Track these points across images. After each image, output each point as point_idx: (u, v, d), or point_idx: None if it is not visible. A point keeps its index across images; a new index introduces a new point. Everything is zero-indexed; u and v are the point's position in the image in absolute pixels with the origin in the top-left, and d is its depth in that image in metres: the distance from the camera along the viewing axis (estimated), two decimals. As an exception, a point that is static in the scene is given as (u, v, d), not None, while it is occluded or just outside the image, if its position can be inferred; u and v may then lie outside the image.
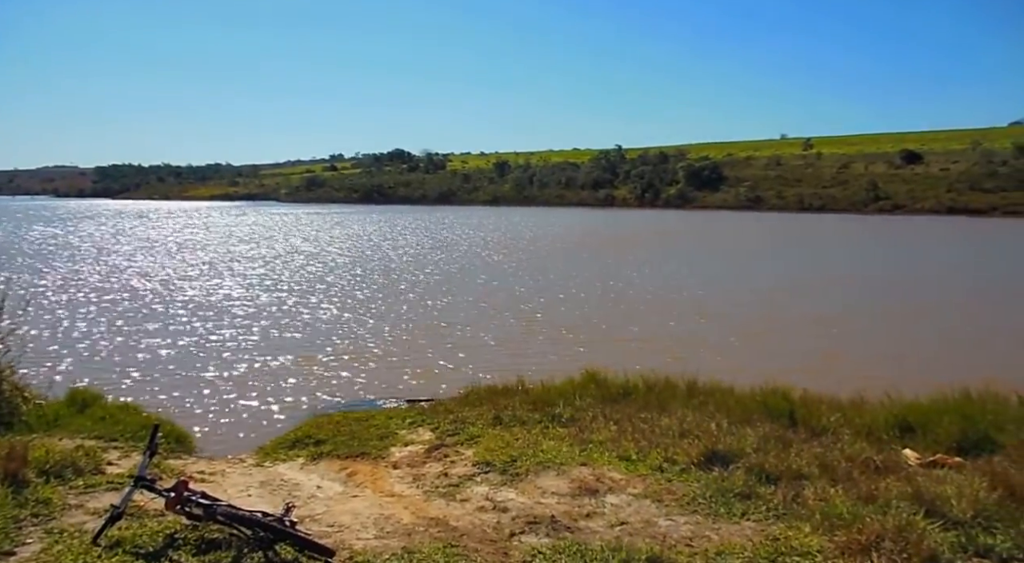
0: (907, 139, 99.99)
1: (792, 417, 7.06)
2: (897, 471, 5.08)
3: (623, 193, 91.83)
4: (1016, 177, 68.16)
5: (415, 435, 6.52)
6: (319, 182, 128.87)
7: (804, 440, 6.21)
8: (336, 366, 12.50)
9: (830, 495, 4.27)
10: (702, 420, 6.67)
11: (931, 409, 7.05)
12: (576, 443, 6.02)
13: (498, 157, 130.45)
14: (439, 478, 5.24)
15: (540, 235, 47.67)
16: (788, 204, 76.44)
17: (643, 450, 5.74)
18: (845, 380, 9.77)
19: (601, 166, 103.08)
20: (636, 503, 4.60)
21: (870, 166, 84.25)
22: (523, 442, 6.02)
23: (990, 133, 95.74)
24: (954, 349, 14.13)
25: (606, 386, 8.52)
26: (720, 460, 5.30)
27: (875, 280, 25.18)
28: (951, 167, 77.90)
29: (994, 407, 7.09)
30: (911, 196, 70.72)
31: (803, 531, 3.85)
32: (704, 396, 7.98)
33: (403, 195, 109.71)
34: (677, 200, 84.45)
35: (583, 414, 7.11)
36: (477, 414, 7.11)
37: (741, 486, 4.64)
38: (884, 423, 6.86)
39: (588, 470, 5.26)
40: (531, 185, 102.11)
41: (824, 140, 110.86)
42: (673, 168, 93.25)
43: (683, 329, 16.27)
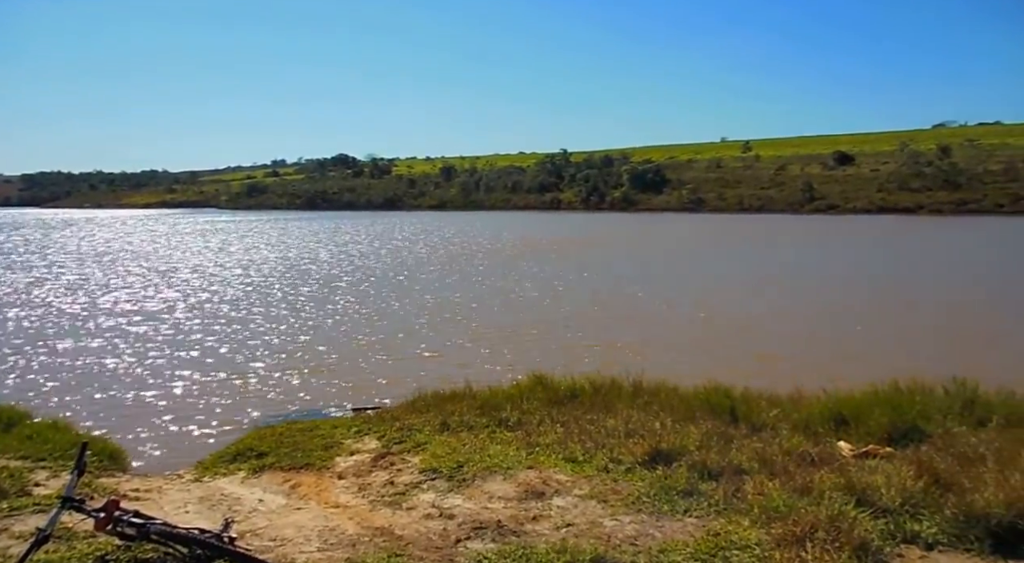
0: (839, 141, 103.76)
1: (733, 413, 7.24)
2: (832, 463, 5.24)
3: (569, 196, 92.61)
4: (940, 177, 71.39)
5: (361, 444, 6.44)
6: (261, 188, 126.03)
7: (745, 436, 6.36)
8: (278, 377, 12.26)
9: (768, 489, 4.38)
10: (647, 419, 6.77)
11: (863, 402, 7.31)
12: (523, 447, 6.03)
13: (444, 162, 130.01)
14: (385, 487, 5.18)
15: (486, 240, 47.69)
16: (728, 205, 78.33)
17: (589, 451, 5.79)
18: (783, 376, 10.07)
19: (547, 170, 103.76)
20: (582, 504, 4.63)
21: (806, 167, 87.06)
22: (470, 447, 6.01)
23: (916, 135, 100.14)
24: (885, 343, 14.69)
25: (553, 389, 8.57)
26: (664, 458, 5.39)
27: (810, 278, 26.01)
28: (881, 168, 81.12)
29: (922, 398, 7.40)
30: (844, 196, 73.33)
31: (742, 525, 3.94)
32: (649, 396, 8.10)
33: (348, 201, 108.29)
34: (622, 203, 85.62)
35: (530, 417, 7.13)
36: (424, 421, 7.06)
37: (684, 483, 4.72)
38: (820, 417, 7.09)
39: (535, 473, 5.28)
40: (478, 190, 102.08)
41: (762, 143, 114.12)
42: (617, 171, 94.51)
43: (629, 331, 16.49)
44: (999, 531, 3.45)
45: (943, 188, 69.34)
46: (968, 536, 3.51)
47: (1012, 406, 7.13)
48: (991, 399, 7.29)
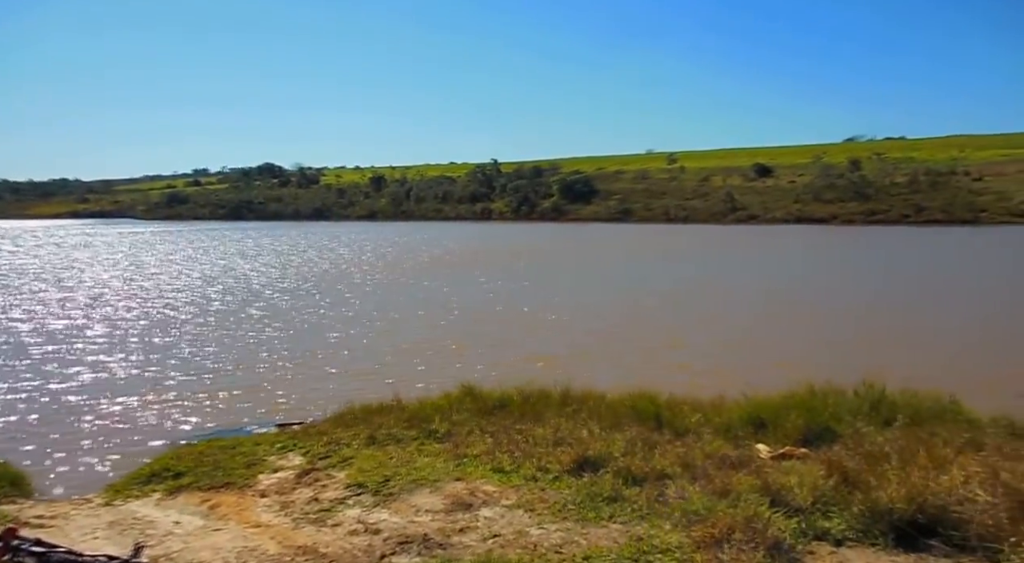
0: (759, 154, 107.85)
1: (659, 420, 7.40)
2: (750, 465, 5.43)
3: (500, 206, 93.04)
4: (851, 189, 75.17)
5: (285, 461, 6.27)
6: (181, 198, 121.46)
7: (669, 441, 6.51)
8: (197, 395, 11.81)
9: (689, 492, 4.50)
10: (575, 428, 6.85)
11: (781, 405, 7.60)
12: (451, 458, 6.01)
13: (374, 171, 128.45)
14: (309, 504, 5.06)
15: (415, 250, 47.37)
16: (655, 215, 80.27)
17: (517, 461, 5.81)
18: (707, 381, 10.35)
19: (478, 180, 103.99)
20: (509, 514, 4.64)
21: (728, 179, 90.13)
22: (398, 461, 5.94)
23: (829, 149, 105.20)
24: (802, 348, 15.31)
25: (482, 399, 8.57)
26: (591, 466, 5.46)
27: (732, 287, 26.90)
28: (797, 180, 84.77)
29: (834, 401, 7.75)
30: (764, 207, 76.25)
31: (664, 529, 4.03)
32: (577, 404, 8.19)
33: (275, 211, 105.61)
34: (552, 213, 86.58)
35: (459, 428, 7.11)
36: (351, 435, 6.94)
37: (609, 490, 4.79)
38: (740, 421, 7.33)
39: (462, 485, 5.26)
40: (408, 200, 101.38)
41: (687, 154, 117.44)
42: (547, 182, 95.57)
43: (559, 340, 16.65)
44: (901, 526, 3.64)
45: (854, 199, 73.03)
46: (873, 531, 3.69)
47: (915, 406, 7.55)
48: (896, 400, 7.69)
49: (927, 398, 7.82)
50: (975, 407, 7.57)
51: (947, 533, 3.52)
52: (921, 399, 7.78)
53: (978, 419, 7.12)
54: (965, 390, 8.05)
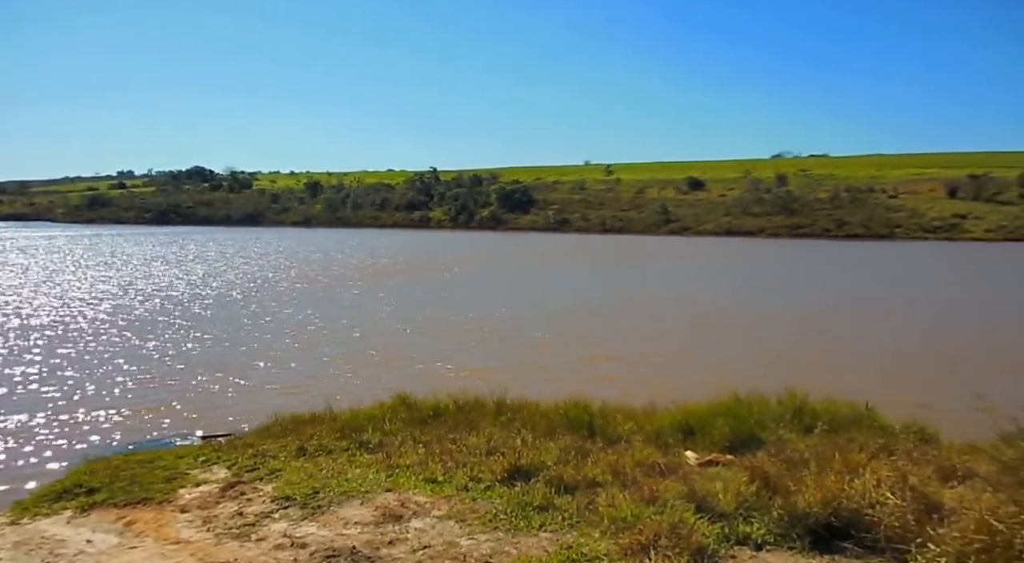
0: (692, 168, 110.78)
1: (591, 428, 7.50)
2: (678, 472, 5.55)
3: (438, 215, 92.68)
4: (778, 203, 78.07)
5: (208, 474, 6.06)
6: (104, 201, 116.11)
7: (601, 449, 6.60)
8: (113, 407, 11.30)
9: (618, 500, 4.57)
10: (509, 437, 6.87)
11: (709, 413, 7.81)
12: (383, 469, 5.93)
13: (309, 177, 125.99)
14: (233, 518, 4.91)
15: (349, 258, 46.70)
16: (592, 226, 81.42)
17: (450, 471, 5.78)
18: (639, 389, 10.53)
19: (416, 188, 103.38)
20: (440, 525, 4.61)
21: (662, 191, 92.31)
22: (327, 472, 5.83)
23: (757, 164, 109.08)
24: (731, 357, 15.75)
25: (417, 409, 8.52)
26: (523, 475, 5.48)
27: (664, 297, 27.51)
28: (727, 193, 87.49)
29: (759, 409, 8.02)
30: (696, 219, 78.39)
31: (593, 537, 4.08)
32: (512, 413, 8.22)
33: (205, 216, 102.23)
34: (490, 222, 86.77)
35: (392, 438, 7.04)
36: (280, 446, 6.78)
37: (540, 499, 4.82)
38: (670, 428, 7.50)
39: (393, 496, 5.20)
40: (345, 206, 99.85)
41: (623, 167, 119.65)
42: (486, 191, 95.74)
43: (494, 350, 16.68)
44: (817, 529, 3.78)
45: (780, 213, 75.87)
46: (791, 535, 3.83)
47: (834, 413, 7.88)
48: (817, 408, 8.02)
49: (845, 406, 8.18)
50: (889, 415, 7.96)
51: (859, 535, 3.68)
52: (839, 407, 8.13)
53: (891, 426, 7.49)
54: (880, 398, 8.44)
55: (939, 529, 3.23)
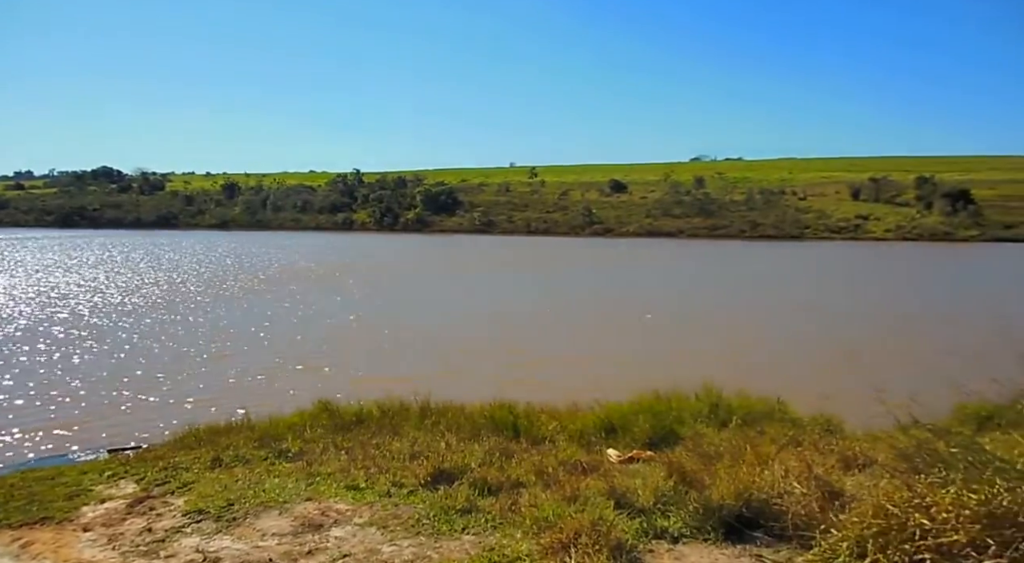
0: (614, 170, 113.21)
1: (516, 429, 7.54)
2: (600, 469, 5.65)
3: (363, 217, 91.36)
4: (696, 205, 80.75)
5: (115, 489, 5.76)
6: (0, 203, 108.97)
7: (525, 449, 6.64)
8: (8, 420, 10.62)
9: (541, 500, 4.60)
10: (433, 440, 6.83)
11: (630, 410, 7.99)
12: (303, 477, 5.78)
13: (226, 178, 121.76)
14: (141, 535, 4.67)
15: (267, 262, 45.45)
16: (517, 228, 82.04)
17: (372, 477, 5.69)
18: (564, 390, 10.65)
19: (339, 190, 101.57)
20: (361, 532, 4.53)
21: (585, 193, 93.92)
22: (244, 483, 5.63)
23: (676, 167, 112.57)
24: (652, 355, 16.16)
25: (339, 415, 8.38)
26: (447, 478, 5.44)
27: (588, 297, 27.98)
28: (648, 195, 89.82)
29: (678, 405, 8.26)
30: (619, 221, 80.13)
31: (515, 538, 4.09)
32: (437, 416, 8.19)
33: (113, 218, 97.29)
34: (416, 224, 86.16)
35: (313, 446, 6.88)
36: (193, 458, 6.51)
37: (463, 502, 4.80)
38: (593, 427, 7.63)
39: (313, 505, 5.07)
40: (264, 209, 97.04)
41: (547, 169, 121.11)
42: (411, 193, 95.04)
43: (420, 354, 16.56)
44: (730, 520, 3.92)
45: (699, 215, 78.48)
46: (706, 527, 3.95)
47: (748, 407, 8.21)
48: (732, 402, 8.33)
49: (758, 401, 8.53)
50: (799, 407, 8.34)
51: (768, 524, 3.83)
52: (753, 402, 8.47)
53: (800, 418, 7.86)
54: (790, 392, 8.83)
55: (840, 515, 3.39)
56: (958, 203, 68.39)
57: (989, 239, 62.41)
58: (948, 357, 14.41)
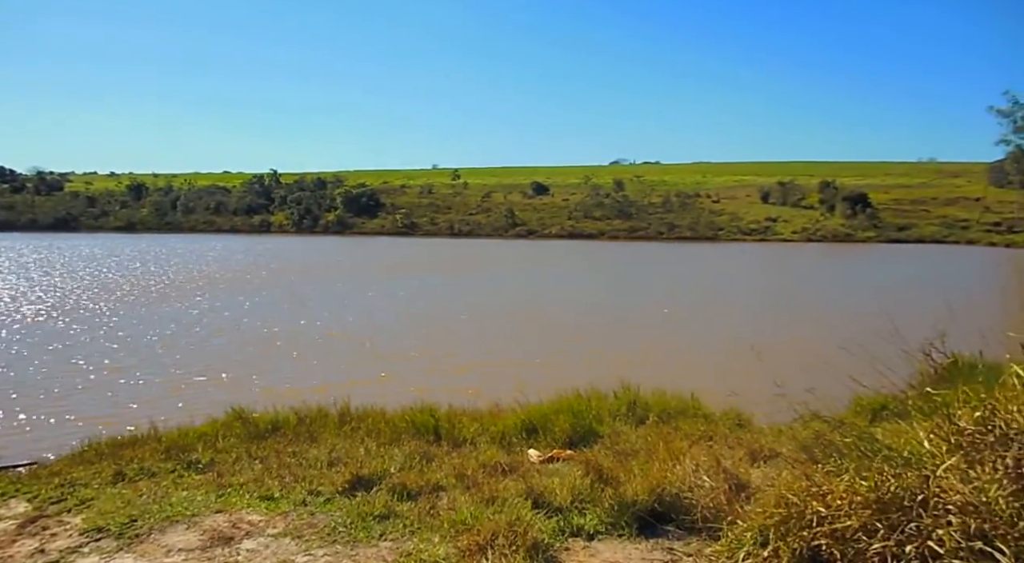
0: (536, 173, 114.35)
1: (437, 432, 7.50)
2: (520, 470, 5.68)
3: (280, 219, 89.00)
4: (616, 208, 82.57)
5: (4, 510, 5.39)
6: None
7: (446, 452, 6.61)
8: None
9: (459, 502, 4.59)
10: (352, 446, 6.71)
11: (551, 411, 8.06)
12: (213, 489, 5.57)
13: (132, 179, 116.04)
14: (33, 557, 4.39)
15: (176, 265, 43.65)
16: (440, 230, 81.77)
17: (288, 486, 5.54)
18: (484, 392, 10.67)
19: (255, 191, 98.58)
20: (275, 544, 4.40)
21: (508, 196, 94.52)
22: (149, 497, 5.38)
23: (597, 170, 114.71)
24: (573, 355, 16.39)
25: (253, 423, 8.10)
26: (365, 484, 5.36)
27: (510, 299, 28.15)
28: (570, 198, 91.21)
29: (597, 403, 8.40)
30: (541, 223, 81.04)
31: (433, 542, 4.07)
32: (356, 422, 8.05)
33: (4, 221, 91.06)
34: (336, 226, 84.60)
35: (225, 456, 6.64)
36: (93, 473, 6.17)
37: (381, 507, 4.74)
38: (514, 428, 7.66)
39: (224, 517, 4.89)
40: (174, 210, 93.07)
41: (470, 171, 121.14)
42: (331, 194, 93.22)
43: (339, 359, 16.25)
44: (643, 515, 4.02)
45: (618, 217, 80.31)
46: (620, 523, 4.04)
47: (664, 404, 8.43)
48: (649, 400, 8.53)
49: (674, 397, 8.77)
50: (711, 403, 8.63)
51: (680, 518, 3.95)
52: (669, 399, 8.70)
53: (713, 413, 8.14)
54: (703, 388, 9.13)
55: (746, 506, 3.53)
56: (857, 206, 72.50)
57: (885, 240, 66.44)
58: (845, 352, 15.19)
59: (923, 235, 66.81)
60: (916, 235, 66.97)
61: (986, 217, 71.28)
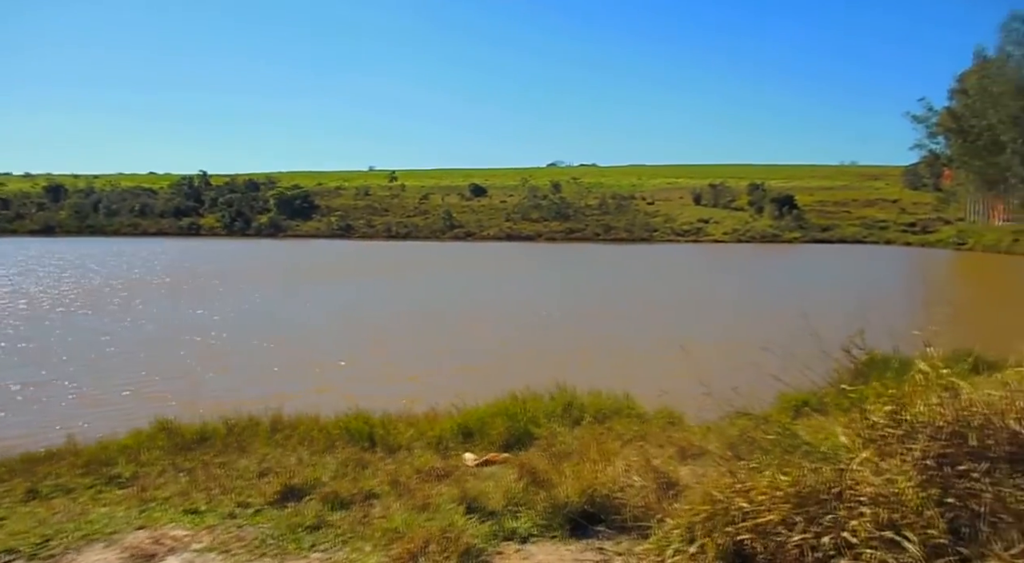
0: (474, 175, 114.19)
1: (372, 438, 7.41)
2: (455, 475, 5.66)
3: (211, 221, 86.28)
4: (554, 209, 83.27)
5: (-97, 535, 5.04)
6: None
7: (381, 459, 6.54)
8: None
9: (392, 510, 4.55)
10: (284, 456, 6.57)
11: (487, 413, 8.07)
12: (136, 504, 5.36)
13: (50, 180, 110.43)
14: (-65, 585, 4.14)
15: (91, 270, 41.85)
16: (377, 232, 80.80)
17: (215, 498, 5.38)
18: (421, 397, 10.59)
19: (183, 192, 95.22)
20: (200, 559, 4.26)
21: (446, 197, 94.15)
22: (64, 515, 5.13)
23: (534, 172, 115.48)
24: (512, 357, 16.43)
25: (180, 434, 7.83)
26: (296, 494, 5.25)
27: (447, 301, 28.06)
28: (508, 200, 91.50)
29: (533, 405, 8.44)
30: (479, 224, 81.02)
31: (365, 551, 4.02)
32: (289, 430, 7.88)
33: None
34: (269, 229, 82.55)
35: (149, 469, 6.41)
36: (4, 491, 5.86)
37: (313, 518, 4.65)
38: (451, 432, 7.63)
39: (146, 534, 4.71)
40: (96, 213, 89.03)
41: (407, 173, 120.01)
42: (264, 196, 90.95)
43: (263, 368, 15.88)
44: (574, 516, 4.06)
45: (556, 219, 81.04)
46: (553, 525, 4.07)
47: (599, 405, 8.54)
48: (585, 401, 8.63)
49: (609, 398, 8.89)
50: (646, 402, 8.79)
51: (611, 518, 4.01)
52: (604, 399, 8.82)
53: (646, 413, 8.29)
54: (637, 387, 9.29)
55: (674, 504, 3.62)
56: (784, 208, 75.16)
57: (810, 240, 69.12)
58: (771, 349, 15.72)
59: (845, 235, 69.75)
60: (839, 235, 69.86)
61: (902, 218, 75.01)
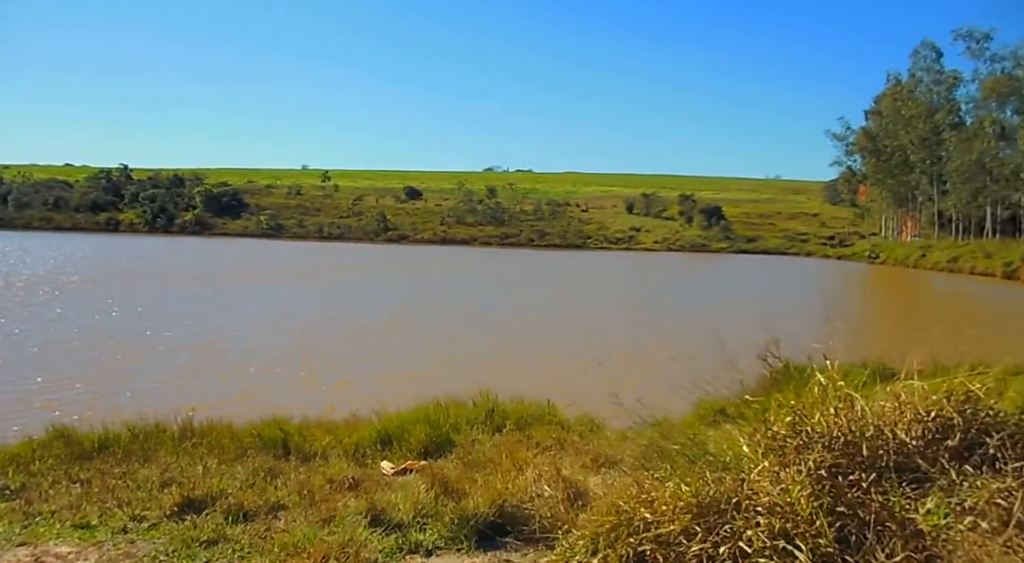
0: (409, 177, 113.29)
1: (287, 446, 7.16)
2: (366, 484, 5.51)
3: (131, 217, 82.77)
4: (489, 214, 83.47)
5: None
6: None
7: (294, 468, 6.32)
8: None
9: (295, 523, 4.38)
10: (190, 465, 6.27)
11: (408, 420, 7.93)
12: (19, 519, 5.00)
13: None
14: None
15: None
16: (309, 233, 79.14)
17: (108, 511, 5.07)
18: (342, 403, 10.35)
19: (101, 186, 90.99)
20: (84, 578, 4.00)
21: (380, 199, 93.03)
22: (-66, 534, 4.74)
23: (470, 176, 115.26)
24: (437, 363, 16.28)
25: (78, 442, 7.39)
26: (196, 507, 5.00)
27: (374, 306, 27.67)
28: (443, 203, 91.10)
29: (455, 412, 8.35)
30: (414, 227, 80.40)
31: (262, 568, 3.85)
32: (199, 438, 7.54)
33: None
34: (195, 226, 79.81)
35: (40, 480, 6.00)
36: None
37: (211, 532, 4.43)
38: (369, 439, 7.46)
39: (26, 551, 4.40)
40: (6, 205, 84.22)
41: (341, 173, 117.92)
42: (190, 193, 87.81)
43: (176, 372, 15.26)
44: (483, 528, 4.00)
45: (491, 223, 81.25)
46: (460, 537, 4.00)
47: (522, 411, 8.51)
48: (507, 408, 8.59)
49: (532, 404, 8.87)
50: (568, 410, 8.80)
51: (519, 529, 3.96)
52: (527, 406, 8.79)
53: (567, 420, 8.30)
54: (557, 395, 9.30)
55: (581, 514, 3.59)
56: (712, 218, 77.47)
57: (736, 250, 71.46)
58: (691, 356, 16.07)
59: (769, 247, 72.40)
60: (763, 246, 72.45)
61: (822, 231, 78.46)
